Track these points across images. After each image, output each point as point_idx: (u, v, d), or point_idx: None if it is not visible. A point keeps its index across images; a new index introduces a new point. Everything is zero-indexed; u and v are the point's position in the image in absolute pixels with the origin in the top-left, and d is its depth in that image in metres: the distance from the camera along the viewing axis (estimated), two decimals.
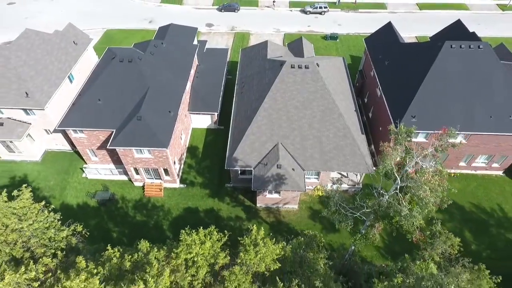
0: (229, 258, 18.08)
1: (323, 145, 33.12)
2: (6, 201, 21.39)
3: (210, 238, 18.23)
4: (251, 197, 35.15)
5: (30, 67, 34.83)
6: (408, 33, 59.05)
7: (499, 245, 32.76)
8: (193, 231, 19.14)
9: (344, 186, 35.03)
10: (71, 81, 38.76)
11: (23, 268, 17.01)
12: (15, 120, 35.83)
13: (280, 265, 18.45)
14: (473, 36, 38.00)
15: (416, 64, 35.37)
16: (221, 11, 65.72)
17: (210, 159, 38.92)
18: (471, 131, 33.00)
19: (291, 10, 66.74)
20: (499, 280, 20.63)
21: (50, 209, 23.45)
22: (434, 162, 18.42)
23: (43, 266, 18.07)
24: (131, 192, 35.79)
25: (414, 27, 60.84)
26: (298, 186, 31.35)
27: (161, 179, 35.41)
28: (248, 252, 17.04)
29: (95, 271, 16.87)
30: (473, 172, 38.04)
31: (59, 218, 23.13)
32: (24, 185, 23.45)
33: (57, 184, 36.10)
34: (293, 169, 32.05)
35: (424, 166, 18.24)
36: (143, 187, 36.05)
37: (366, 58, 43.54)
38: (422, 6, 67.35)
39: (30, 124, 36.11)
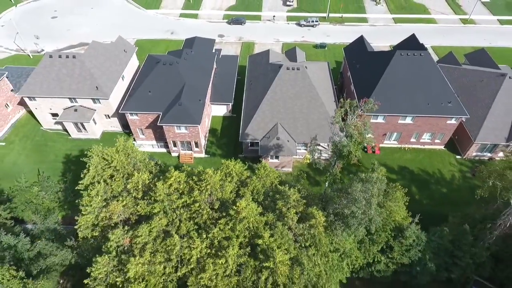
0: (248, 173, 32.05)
1: (309, 124, 47.28)
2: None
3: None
4: (257, 163, 49.08)
5: (97, 68, 49.21)
6: (383, 43, 73.83)
7: (435, 196, 46.70)
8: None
9: (325, 156, 49.07)
10: (122, 79, 53.11)
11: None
12: (85, 107, 50.05)
13: (278, 181, 32.44)
14: (421, 47, 52.60)
15: (377, 67, 49.83)
16: (230, 24, 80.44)
17: (226, 138, 53.04)
18: (415, 114, 47.24)
19: (288, 24, 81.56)
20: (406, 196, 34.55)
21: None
22: (361, 111, 31.99)
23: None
24: (170, 160, 49.79)
25: (389, 38, 75.40)
26: (291, 152, 45.54)
27: (192, 150, 49.50)
28: (260, 171, 31.00)
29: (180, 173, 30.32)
30: (421, 147, 52.22)
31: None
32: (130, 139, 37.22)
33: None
34: (288, 141, 46.26)
35: (355, 117, 31.92)
36: (178, 156, 50.09)
37: (344, 63, 58.08)
38: (397, 20, 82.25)
39: (95, 110, 50.34)
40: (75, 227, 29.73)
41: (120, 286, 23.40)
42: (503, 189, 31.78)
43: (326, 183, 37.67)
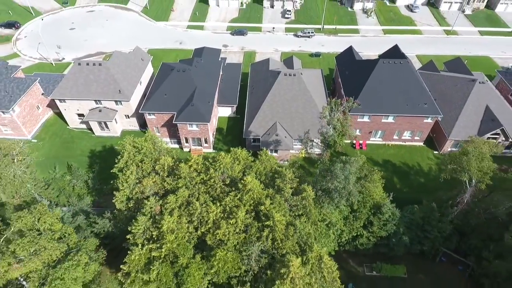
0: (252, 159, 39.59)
1: (304, 123, 54.87)
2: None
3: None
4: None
5: (120, 74, 57.14)
6: (373, 52, 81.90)
7: (414, 185, 54.10)
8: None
9: (317, 151, 56.60)
10: (140, 84, 60.99)
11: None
12: (108, 108, 57.80)
13: (277, 166, 39.95)
14: (402, 55, 60.66)
15: (363, 73, 57.76)
16: (233, 35, 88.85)
17: (231, 135, 60.67)
18: (396, 114, 54.98)
19: (286, 34, 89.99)
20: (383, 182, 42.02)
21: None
22: (343, 108, 39.66)
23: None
24: (182, 155, 57.24)
25: (379, 48, 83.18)
26: (288, 146, 53.17)
27: (201, 146, 57.09)
28: (262, 156, 38.49)
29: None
30: (402, 143, 59.85)
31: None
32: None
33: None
34: (285, 137, 53.91)
35: (336, 114, 39.60)
36: (189, 151, 57.64)
37: (336, 70, 66.09)
38: (386, 32, 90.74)
39: (117, 111, 58.10)
40: (113, 200, 37.13)
41: (155, 238, 30.56)
42: (459, 171, 39.24)
43: (318, 171, 45.07)
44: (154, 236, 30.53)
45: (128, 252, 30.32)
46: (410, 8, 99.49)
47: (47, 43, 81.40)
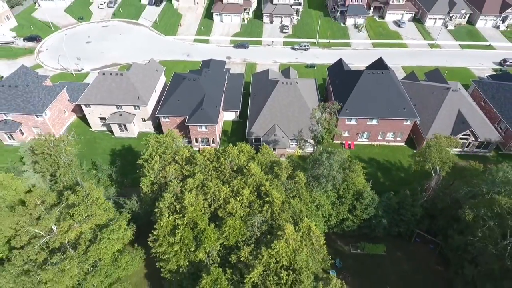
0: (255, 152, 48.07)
1: (299, 125, 63.47)
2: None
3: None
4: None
5: (138, 82, 66.14)
6: (363, 64, 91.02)
7: (395, 179, 62.49)
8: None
9: (310, 150, 65.06)
10: (155, 91, 69.94)
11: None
12: (127, 112, 66.58)
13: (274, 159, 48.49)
14: (385, 67, 69.85)
15: (350, 82, 66.82)
16: (236, 48, 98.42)
17: (235, 137, 69.28)
18: (379, 117, 63.78)
19: (284, 48, 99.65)
20: (365, 171, 50.44)
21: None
22: (327, 113, 48.39)
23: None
24: (193, 152, 65.71)
25: (368, 60, 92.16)
26: (285, 145, 61.81)
27: (209, 145, 65.65)
28: (262, 150, 47.06)
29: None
30: (386, 143, 68.51)
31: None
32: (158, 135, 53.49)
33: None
34: (282, 137, 62.61)
35: (323, 115, 48.27)
36: (198, 150, 66.14)
37: (328, 79, 75.24)
38: (375, 45, 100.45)
39: (135, 115, 66.87)
40: (140, 185, 45.45)
41: (178, 210, 38.64)
42: (423, 161, 47.79)
43: (310, 165, 53.57)
44: (177, 209, 38.70)
45: (157, 221, 38.46)
46: (397, 23, 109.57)
47: (67, 55, 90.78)
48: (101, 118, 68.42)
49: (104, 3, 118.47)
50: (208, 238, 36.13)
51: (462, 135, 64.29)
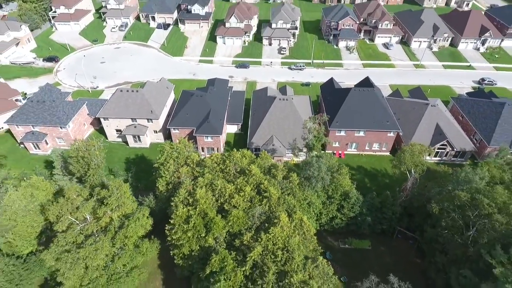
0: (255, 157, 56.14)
1: (294, 136, 71.89)
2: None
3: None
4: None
5: (151, 98, 74.99)
6: (353, 82, 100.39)
7: (381, 184, 70.34)
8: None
9: (302, 158, 73.09)
10: (166, 107, 78.72)
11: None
12: (141, 125, 75.08)
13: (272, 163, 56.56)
14: (371, 85, 78.95)
15: (340, 98, 75.68)
16: (237, 68, 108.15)
17: (237, 147, 77.29)
18: (365, 129, 72.26)
19: (282, 67, 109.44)
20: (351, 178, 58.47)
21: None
22: (317, 123, 56.86)
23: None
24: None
25: (358, 79, 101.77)
26: (282, 154, 70.02)
27: None
28: (262, 155, 55.06)
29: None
30: (373, 153, 76.72)
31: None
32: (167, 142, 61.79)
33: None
34: (280, 147, 70.90)
35: (313, 125, 56.70)
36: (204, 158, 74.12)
37: (320, 96, 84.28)
38: (365, 65, 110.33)
39: (148, 127, 75.35)
40: (157, 184, 53.27)
41: (191, 203, 46.18)
42: (399, 163, 55.86)
43: (302, 167, 61.59)
44: (190, 202, 46.35)
45: (173, 212, 46.03)
46: (386, 46, 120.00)
47: (83, 74, 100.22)
48: (117, 130, 76.85)
49: (116, 26, 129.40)
50: (216, 225, 43.68)
51: (440, 145, 72.65)
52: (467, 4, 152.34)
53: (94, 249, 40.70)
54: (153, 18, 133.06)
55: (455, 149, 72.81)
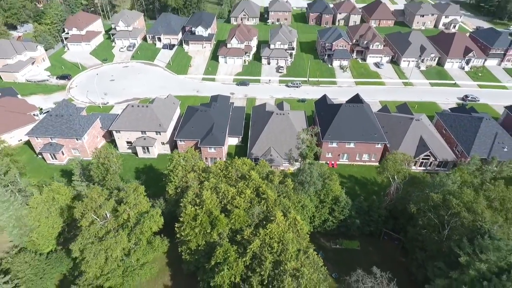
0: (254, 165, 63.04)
1: (289, 147, 78.99)
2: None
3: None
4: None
5: (160, 113, 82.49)
6: (345, 98, 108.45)
7: (369, 191, 76.88)
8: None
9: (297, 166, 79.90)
10: (172, 120, 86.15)
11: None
12: (150, 137, 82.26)
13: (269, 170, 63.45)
14: (360, 101, 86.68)
15: (332, 113, 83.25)
16: (238, 85, 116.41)
17: (238, 157, 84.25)
18: (355, 141, 79.47)
19: (279, 85, 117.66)
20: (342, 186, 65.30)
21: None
22: (309, 135, 64.18)
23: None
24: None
25: (351, 95, 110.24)
26: (279, 163, 76.96)
27: None
28: (260, 163, 62.02)
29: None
30: (363, 163, 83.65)
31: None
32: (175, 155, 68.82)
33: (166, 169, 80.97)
34: (277, 157, 77.89)
35: (306, 136, 63.98)
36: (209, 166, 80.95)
37: (314, 111, 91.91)
38: (357, 83, 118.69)
39: (156, 139, 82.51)
40: (167, 188, 59.88)
41: (198, 203, 52.65)
42: (383, 170, 62.70)
43: (296, 174, 68.34)
44: (197, 203, 52.94)
45: (182, 211, 52.53)
46: (377, 65, 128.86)
47: (94, 91, 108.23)
48: (128, 142, 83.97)
49: (124, 47, 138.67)
50: (220, 222, 50.14)
51: (424, 156, 79.71)
52: (454, 26, 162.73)
53: (115, 242, 46.98)
54: (159, 39, 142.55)
55: (437, 160, 79.80)
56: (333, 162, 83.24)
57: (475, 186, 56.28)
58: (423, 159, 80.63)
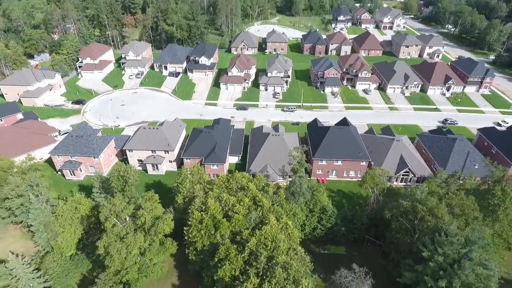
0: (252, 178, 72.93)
1: (283, 164, 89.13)
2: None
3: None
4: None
5: (168, 134, 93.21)
6: (335, 121, 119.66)
7: (355, 204, 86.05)
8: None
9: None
10: (179, 141, 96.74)
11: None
12: (159, 155, 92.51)
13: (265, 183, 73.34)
14: (347, 124, 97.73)
15: (321, 135, 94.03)
16: (238, 110, 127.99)
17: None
18: (342, 159, 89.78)
19: (276, 109, 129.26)
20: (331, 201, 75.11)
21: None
22: (299, 153, 74.52)
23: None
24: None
25: (340, 118, 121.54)
26: (274, 179, 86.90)
27: None
28: (257, 177, 71.94)
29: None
30: (350, 179, 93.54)
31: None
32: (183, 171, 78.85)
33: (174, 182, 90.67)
34: (272, 173, 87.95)
35: (297, 153, 74.30)
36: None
37: (306, 133, 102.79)
38: (347, 108, 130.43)
39: (164, 157, 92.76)
40: (176, 198, 69.41)
41: (204, 209, 62.07)
42: (364, 183, 72.51)
43: (288, 186, 78.03)
44: (203, 209, 62.46)
45: (190, 216, 61.91)
46: (365, 91, 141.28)
47: (106, 114, 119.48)
48: (139, 160, 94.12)
49: (134, 74, 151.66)
50: (223, 225, 59.53)
51: (404, 172, 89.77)
52: (438, 56, 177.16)
53: (134, 240, 56.17)
54: (165, 67, 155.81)
55: (416, 175, 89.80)
56: (323, 178, 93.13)
57: (440, 195, 66.08)
58: (403, 175, 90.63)
